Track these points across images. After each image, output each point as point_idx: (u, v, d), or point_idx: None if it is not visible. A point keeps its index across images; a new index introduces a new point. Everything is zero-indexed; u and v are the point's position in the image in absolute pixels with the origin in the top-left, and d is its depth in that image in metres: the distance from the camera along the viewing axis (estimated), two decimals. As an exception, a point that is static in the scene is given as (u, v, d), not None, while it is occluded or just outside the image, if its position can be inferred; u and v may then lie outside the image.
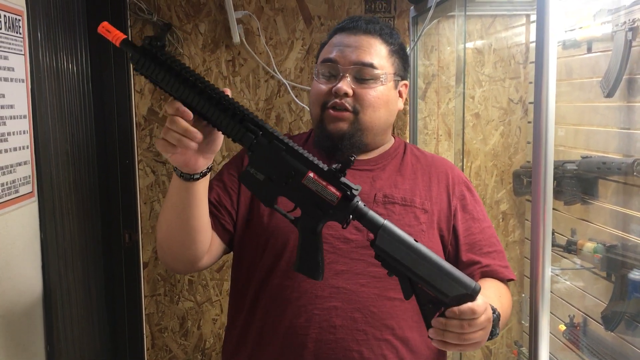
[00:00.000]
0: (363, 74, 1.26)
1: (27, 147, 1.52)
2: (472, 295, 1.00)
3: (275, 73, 2.25)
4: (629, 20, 1.65)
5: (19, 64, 1.48)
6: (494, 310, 1.08)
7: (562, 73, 2.07)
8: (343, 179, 1.03)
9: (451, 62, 2.37)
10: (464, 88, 2.27)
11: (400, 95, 1.35)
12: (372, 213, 1.04)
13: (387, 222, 1.03)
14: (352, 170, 1.30)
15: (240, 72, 2.26)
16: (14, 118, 1.44)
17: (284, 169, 1.02)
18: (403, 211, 1.27)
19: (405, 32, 2.32)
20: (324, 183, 1.02)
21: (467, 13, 2.22)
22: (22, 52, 1.50)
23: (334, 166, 1.03)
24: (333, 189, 1.03)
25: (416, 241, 1.02)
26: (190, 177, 1.07)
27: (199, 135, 1.00)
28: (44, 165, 1.59)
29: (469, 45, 2.36)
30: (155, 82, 1.01)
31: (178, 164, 1.05)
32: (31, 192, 1.53)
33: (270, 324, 1.25)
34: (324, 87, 1.28)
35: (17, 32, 1.47)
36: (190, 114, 1.00)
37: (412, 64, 2.34)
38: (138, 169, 2.26)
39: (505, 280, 1.32)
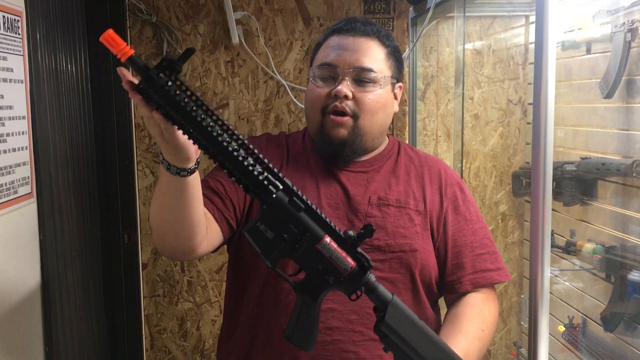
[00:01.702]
0: (362, 77, 1.25)
1: (26, 148, 1.52)
2: None
3: (275, 74, 2.25)
4: (628, 21, 1.65)
5: (18, 65, 1.48)
6: None
7: (561, 74, 2.07)
8: (359, 250, 0.99)
9: (450, 63, 2.37)
10: (463, 89, 2.27)
11: (395, 97, 1.34)
12: (381, 287, 1.00)
13: (395, 298, 1.00)
14: (347, 172, 1.29)
15: (239, 73, 2.26)
16: (13, 119, 1.44)
17: (299, 230, 0.94)
18: (397, 213, 1.27)
19: (404, 33, 2.32)
20: (340, 250, 0.97)
21: (466, 14, 2.22)
22: (21, 53, 1.50)
23: (350, 233, 0.98)
24: (348, 258, 0.98)
25: (419, 318, 1.02)
26: (178, 172, 0.97)
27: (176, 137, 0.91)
28: (43, 166, 1.59)
29: (468, 46, 2.36)
30: (163, 112, 0.88)
31: (165, 150, 0.95)
32: (30, 193, 1.53)
33: (266, 325, 1.24)
34: (322, 90, 1.26)
35: (15, 33, 1.47)
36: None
37: (411, 65, 2.34)
38: (137, 169, 2.26)
39: (494, 285, 1.32)
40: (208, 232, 1.17)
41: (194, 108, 0.86)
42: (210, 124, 0.87)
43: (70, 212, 1.85)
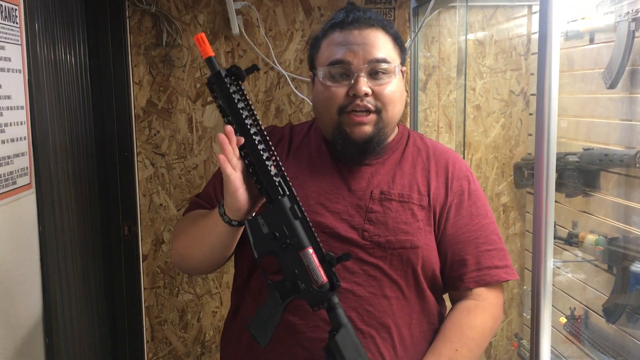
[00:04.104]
0: (377, 70, 1.21)
1: (25, 139, 1.51)
2: None
3: (275, 64, 2.23)
4: (632, 10, 1.64)
5: (16, 54, 1.47)
6: None
7: (564, 64, 2.05)
8: (334, 270, 1.09)
9: (452, 54, 2.36)
10: (465, 80, 2.26)
11: None
12: (341, 310, 1.10)
13: (349, 324, 1.10)
14: (350, 165, 1.27)
15: (240, 64, 2.24)
16: (11, 109, 1.43)
17: (289, 234, 1.08)
18: (400, 208, 1.23)
19: (405, 23, 2.30)
20: (317, 264, 1.08)
21: (469, 4, 2.20)
22: (19, 43, 1.48)
23: (331, 254, 1.09)
24: (322, 272, 1.08)
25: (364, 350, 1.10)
26: (236, 224, 1.13)
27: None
28: (42, 157, 1.58)
29: (470, 36, 2.34)
30: (219, 104, 1.09)
31: (230, 193, 1.09)
32: (29, 183, 1.52)
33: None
34: (337, 90, 1.21)
35: (13, 22, 1.45)
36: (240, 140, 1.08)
37: (412, 56, 2.33)
38: (137, 161, 2.25)
39: (501, 283, 1.29)
40: None
41: (242, 108, 1.08)
42: (251, 126, 1.08)
43: (70, 203, 1.84)
